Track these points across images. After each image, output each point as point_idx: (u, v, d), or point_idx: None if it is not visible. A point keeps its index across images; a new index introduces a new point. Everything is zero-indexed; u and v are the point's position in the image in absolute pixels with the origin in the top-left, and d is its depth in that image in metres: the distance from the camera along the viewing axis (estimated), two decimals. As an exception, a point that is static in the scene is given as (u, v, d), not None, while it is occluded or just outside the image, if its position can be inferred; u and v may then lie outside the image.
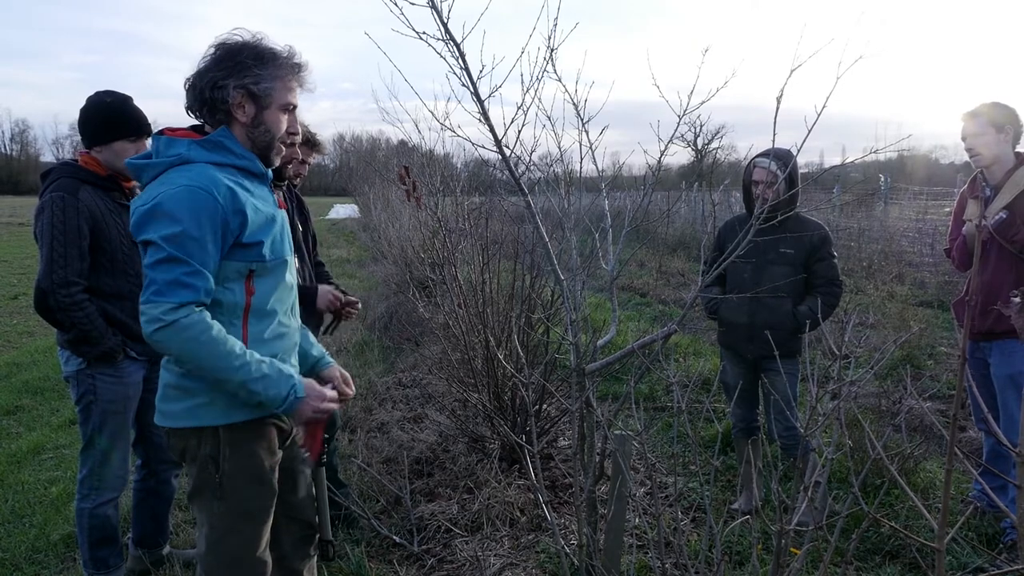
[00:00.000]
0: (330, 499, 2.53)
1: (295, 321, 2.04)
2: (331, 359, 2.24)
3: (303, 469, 2.16)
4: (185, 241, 1.69)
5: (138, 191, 2.87)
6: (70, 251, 2.56)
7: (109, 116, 2.69)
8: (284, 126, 1.91)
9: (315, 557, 2.26)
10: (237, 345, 1.76)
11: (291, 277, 2.00)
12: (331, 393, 1.98)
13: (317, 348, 2.21)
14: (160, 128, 1.89)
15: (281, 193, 3.01)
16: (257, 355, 1.80)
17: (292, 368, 1.95)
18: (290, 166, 3.07)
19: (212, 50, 1.81)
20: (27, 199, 50.94)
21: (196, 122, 1.92)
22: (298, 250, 3.10)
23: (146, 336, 1.72)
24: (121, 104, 2.71)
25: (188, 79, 1.83)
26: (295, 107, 1.93)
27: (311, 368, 2.17)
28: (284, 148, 1.97)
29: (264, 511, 1.95)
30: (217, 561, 1.91)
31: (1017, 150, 3.19)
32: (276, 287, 1.91)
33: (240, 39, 1.82)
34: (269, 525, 1.98)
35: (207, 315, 1.73)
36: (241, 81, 1.78)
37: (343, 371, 2.22)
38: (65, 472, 4.33)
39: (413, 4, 2.09)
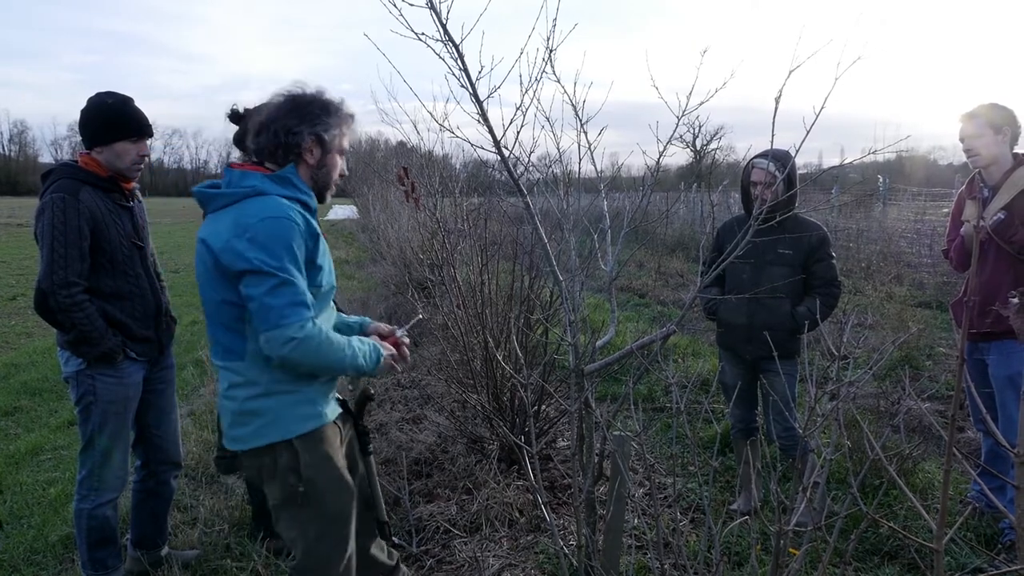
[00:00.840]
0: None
1: None
2: (367, 319, 2.48)
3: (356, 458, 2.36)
4: (289, 266, 1.87)
5: (138, 195, 2.90)
6: (71, 252, 2.55)
7: (110, 117, 2.69)
8: (340, 167, 2.15)
9: (378, 536, 2.45)
10: (336, 336, 1.98)
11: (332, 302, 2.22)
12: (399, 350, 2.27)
13: (352, 317, 2.44)
14: (228, 162, 2.11)
15: None
16: (348, 338, 2.04)
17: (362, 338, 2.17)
18: None
19: (281, 99, 2.03)
20: (25, 200, 50.83)
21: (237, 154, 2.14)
22: None
23: (279, 358, 1.87)
24: (122, 105, 2.72)
25: (257, 124, 2.04)
26: (347, 150, 2.18)
27: (357, 333, 2.37)
28: (336, 187, 2.17)
29: (348, 510, 2.10)
30: (314, 565, 2.05)
31: (1015, 151, 3.20)
32: (325, 309, 2.11)
33: (308, 92, 2.05)
34: (353, 525, 2.13)
35: (316, 322, 1.93)
36: (313, 128, 2.01)
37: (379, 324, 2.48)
38: (63, 473, 4.32)
39: (412, 5, 2.09)
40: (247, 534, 3.36)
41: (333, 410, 2.11)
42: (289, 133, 1.99)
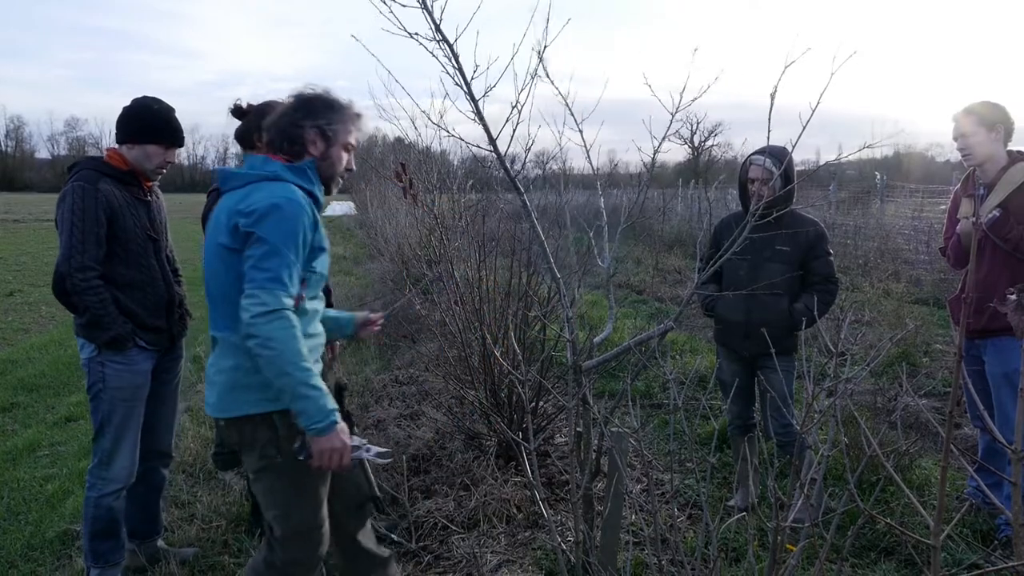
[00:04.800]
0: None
1: (321, 327, 2.29)
2: (354, 314, 2.58)
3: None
4: (290, 245, 1.99)
5: (158, 192, 2.97)
6: (88, 237, 2.68)
7: (151, 120, 2.87)
8: (345, 162, 2.25)
9: (368, 523, 2.50)
10: (305, 350, 1.98)
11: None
12: (350, 450, 2.09)
13: (344, 312, 2.54)
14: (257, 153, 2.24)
15: None
16: (319, 376, 2.02)
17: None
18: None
19: (291, 99, 2.19)
20: (22, 196, 50.62)
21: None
22: None
23: (248, 323, 1.91)
24: (165, 112, 2.90)
25: (268, 121, 2.20)
26: (354, 147, 2.28)
27: (347, 325, 2.53)
28: (342, 180, 2.29)
29: (321, 481, 2.19)
30: (291, 533, 2.15)
31: (1009, 148, 3.20)
32: (316, 296, 2.22)
33: (315, 91, 2.19)
34: (326, 492, 2.23)
35: (294, 316, 1.98)
36: (316, 122, 2.15)
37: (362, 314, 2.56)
38: (60, 469, 4.31)
39: (404, 6, 2.09)
40: (244, 530, 3.36)
41: None
42: (293, 126, 2.14)
